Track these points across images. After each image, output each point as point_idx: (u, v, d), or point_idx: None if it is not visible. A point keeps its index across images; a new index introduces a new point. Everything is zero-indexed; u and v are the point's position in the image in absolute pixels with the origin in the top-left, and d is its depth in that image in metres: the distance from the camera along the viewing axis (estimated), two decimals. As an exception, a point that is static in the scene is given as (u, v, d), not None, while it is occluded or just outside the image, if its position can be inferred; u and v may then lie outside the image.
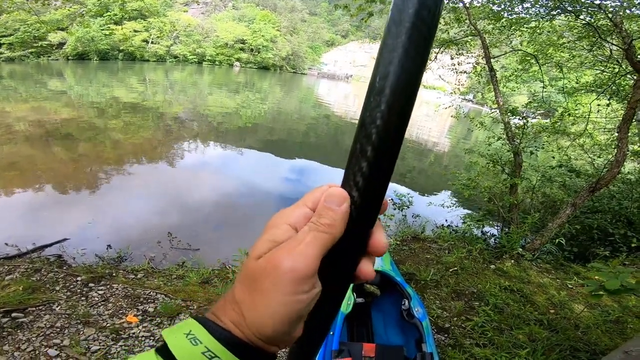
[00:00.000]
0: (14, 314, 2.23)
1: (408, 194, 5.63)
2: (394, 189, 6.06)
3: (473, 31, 5.19)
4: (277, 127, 12.13)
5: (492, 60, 4.79)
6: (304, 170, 7.26)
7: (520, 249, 3.72)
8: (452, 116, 6.51)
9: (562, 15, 4.20)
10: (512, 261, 3.57)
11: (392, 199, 5.37)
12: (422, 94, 47.36)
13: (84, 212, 4.15)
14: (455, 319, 2.62)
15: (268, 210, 4.91)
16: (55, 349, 2.01)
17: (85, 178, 5.34)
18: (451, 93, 7.04)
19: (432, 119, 21.78)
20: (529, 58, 5.36)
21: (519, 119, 4.05)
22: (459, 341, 2.37)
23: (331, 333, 1.65)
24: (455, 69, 6.23)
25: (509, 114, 4.05)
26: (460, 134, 16.67)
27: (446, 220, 4.76)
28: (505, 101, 5.15)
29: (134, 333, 2.21)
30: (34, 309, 2.33)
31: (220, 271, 3.14)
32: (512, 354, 2.20)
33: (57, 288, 2.59)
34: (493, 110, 5.35)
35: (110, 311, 2.39)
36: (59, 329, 2.17)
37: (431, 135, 15.35)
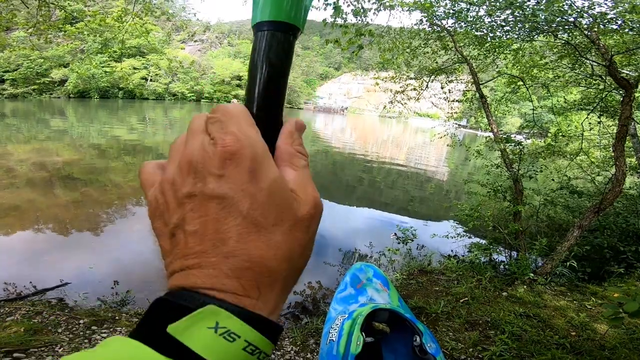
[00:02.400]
0: (15, 354, 2.17)
1: (411, 227, 5.58)
2: (396, 223, 6.02)
3: (460, 58, 5.41)
4: (275, 164, 12.25)
5: (481, 86, 4.95)
6: None
7: (532, 274, 3.64)
8: (447, 145, 6.61)
9: (541, 35, 4.28)
10: (525, 287, 3.48)
11: (395, 234, 5.31)
12: (416, 122, 48.41)
13: (86, 256, 4.10)
14: (470, 349, 2.52)
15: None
16: None
17: (86, 221, 5.31)
18: (445, 121, 7.21)
19: (429, 147, 22.10)
20: (515, 80, 5.52)
21: (514, 145, 4.11)
22: None
23: None
24: (447, 97, 6.44)
25: (504, 141, 4.12)
26: (458, 160, 16.86)
27: (452, 251, 4.70)
28: (498, 124, 5.26)
29: None
30: (36, 350, 2.26)
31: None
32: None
33: (60, 330, 2.52)
34: (487, 135, 5.45)
35: None
36: None
37: (429, 164, 15.50)
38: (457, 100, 6.40)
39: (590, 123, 5.89)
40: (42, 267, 3.77)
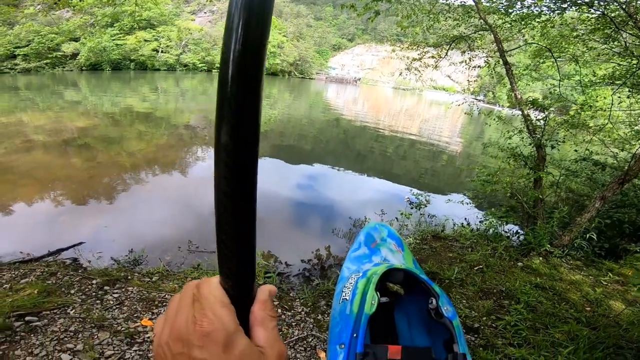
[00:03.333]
0: (27, 318, 2.19)
1: (425, 193, 5.49)
2: (407, 194, 5.93)
3: (484, 26, 5.07)
4: (287, 132, 12.10)
5: (505, 54, 4.66)
6: (314, 174, 7.19)
7: (549, 246, 3.55)
8: (465, 113, 6.35)
9: (573, 7, 4.05)
10: (541, 258, 3.40)
11: (408, 198, 5.23)
12: (431, 95, 46.96)
13: (100, 218, 4.17)
14: (484, 318, 2.49)
15: (279, 213, 4.86)
16: (69, 354, 1.96)
17: (100, 185, 5.38)
18: (464, 90, 6.87)
19: (443, 120, 21.49)
20: (542, 51, 5.18)
21: (539, 110, 3.89)
22: (490, 341, 2.23)
23: (354, 335, 1.54)
24: (468, 64, 6.09)
25: (529, 105, 3.89)
26: (473, 134, 16.37)
27: (465, 219, 4.60)
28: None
29: (148, 337, 2.15)
30: (48, 312, 2.29)
31: (236, 273, 3.06)
32: (551, 353, 2.05)
33: (72, 291, 2.55)
34: (504, 111, 5.19)
35: (125, 315, 2.34)
36: (72, 333, 2.13)
37: (443, 137, 15.10)
38: (479, 66, 6.05)
39: (619, 96, 5.55)
40: (57, 227, 3.86)
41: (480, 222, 4.44)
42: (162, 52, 42.98)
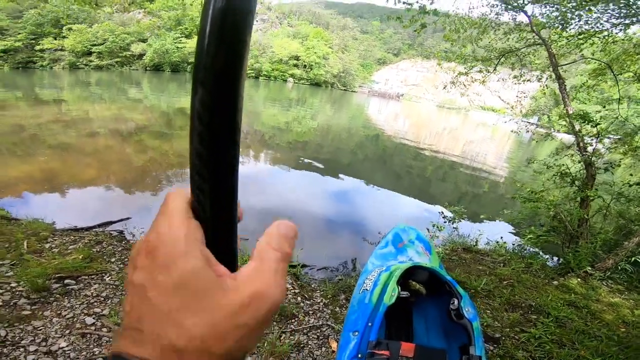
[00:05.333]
0: (66, 281, 2.37)
1: (461, 207, 5.32)
2: (441, 207, 5.76)
3: (537, 40, 4.86)
4: (325, 144, 12.24)
5: (561, 69, 4.42)
6: (348, 187, 7.19)
7: (589, 268, 3.29)
8: (512, 131, 6.07)
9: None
10: (579, 279, 3.15)
11: (442, 212, 5.08)
12: (478, 116, 45.17)
13: (146, 199, 4.58)
14: (507, 329, 2.36)
15: (311, 216, 4.97)
16: (93, 317, 2.08)
17: (149, 173, 5.84)
18: (512, 108, 6.56)
19: (490, 143, 20.56)
20: (602, 69, 4.84)
21: (591, 126, 3.63)
22: (510, 352, 2.11)
23: (369, 324, 1.54)
24: (518, 80, 5.84)
25: (579, 119, 3.64)
26: (521, 159, 15.45)
27: (501, 238, 4.36)
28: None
29: None
30: (86, 277, 2.47)
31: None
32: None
33: (113, 260, 2.75)
34: (561, 135, 4.90)
35: None
36: (103, 299, 2.27)
37: (487, 161, 14.38)
38: (528, 80, 5.78)
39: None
40: (110, 203, 4.25)
41: (516, 241, 4.19)
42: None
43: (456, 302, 1.69)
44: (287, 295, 2.57)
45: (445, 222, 4.70)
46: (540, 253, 4.05)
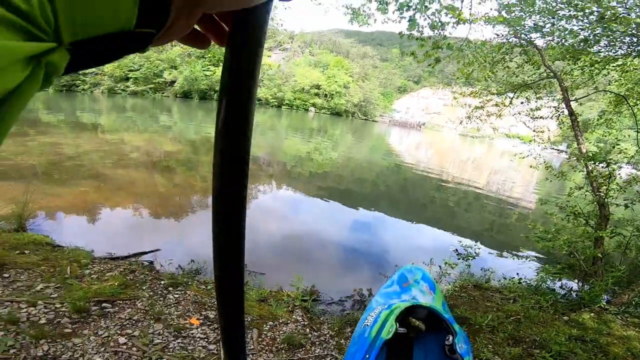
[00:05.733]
0: (103, 304, 2.63)
1: (475, 245, 5.30)
2: (459, 240, 5.75)
3: (549, 73, 4.98)
4: (346, 175, 12.40)
5: (574, 102, 4.48)
6: (368, 218, 7.29)
7: (604, 303, 3.24)
8: (530, 167, 6.02)
9: None
10: (592, 314, 3.11)
11: (456, 250, 5.10)
12: (503, 144, 44.27)
13: (175, 230, 4.93)
14: None
15: (327, 248, 5.11)
16: (125, 338, 2.30)
17: (178, 203, 6.26)
18: (530, 141, 6.55)
19: (516, 172, 20.10)
20: (617, 100, 4.85)
21: (602, 166, 3.67)
22: None
23: (367, 356, 1.67)
24: (532, 115, 5.92)
25: (589, 159, 3.70)
26: (549, 189, 14.94)
27: (517, 274, 4.33)
28: (608, 150, 4.62)
29: (192, 333, 2.47)
30: (121, 302, 2.72)
31: (277, 293, 3.35)
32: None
33: (144, 288, 3.01)
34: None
35: (179, 312, 2.70)
36: (134, 322, 2.49)
37: (514, 192, 14.03)
38: (542, 118, 5.84)
39: None
40: (142, 234, 4.61)
41: (532, 277, 4.15)
42: (243, 84, 47.99)
43: (451, 338, 1.81)
44: (297, 327, 2.73)
45: (458, 259, 4.73)
46: (556, 289, 3.99)
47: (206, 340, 2.42)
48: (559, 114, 5.40)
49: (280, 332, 2.63)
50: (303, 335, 2.60)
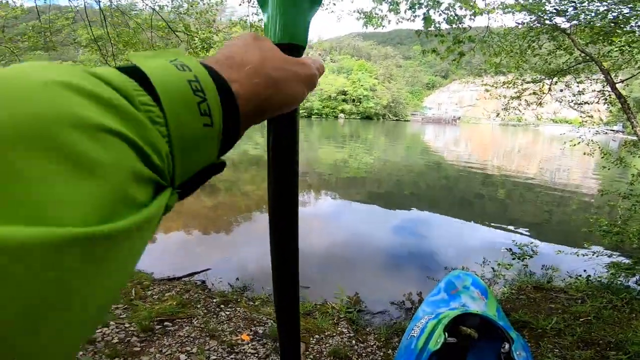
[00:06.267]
0: (165, 323, 2.83)
1: (531, 243, 4.97)
2: (512, 239, 5.40)
3: (585, 57, 4.63)
4: (384, 178, 12.22)
5: (622, 83, 4.12)
6: (410, 220, 7.11)
7: None
8: (585, 154, 5.61)
9: None
10: None
11: (510, 249, 4.81)
12: (550, 129, 41.25)
13: (224, 249, 5.19)
14: None
15: (371, 256, 5.05)
16: (185, 355, 2.45)
17: (223, 222, 6.58)
18: (580, 124, 6.10)
19: (569, 158, 18.62)
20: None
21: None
22: None
23: None
24: (576, 100, 5.51)
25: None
26: (611, 174, 13.66)
27: (585, 271, 3.98)
28: None
29: (243, 349, 2.57)
30: (179, 320, 2.91)
31: (322, 306, 3.38)
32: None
33: (199, 306, 3.19)
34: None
35: (231, 329, 2.82)
36: (192, 339, 2.65)
37: (570, 178, 12.98)
38: (586, 103, 5.42)
39: None
40: (194, 254, 4.91)
41: (600, 276, 3.79)
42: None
43: (507, 345, 1.73)
44: (342, 339, 2.75)
45: (513, 259, 4.46)
46: (631, 285, 3.62)
47: (256, 355, 2.51)
48: (606, 97, 4.98)
49: (327, 344, 2.65)
50: (349, 347, 2.61)
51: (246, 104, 0.25)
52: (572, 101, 5.49)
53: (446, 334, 1.77)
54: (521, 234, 6.14)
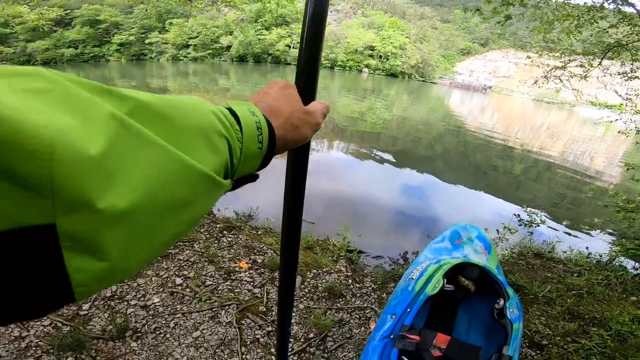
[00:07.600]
0: None
1: (541, 212, 4.85)
2: (519, 213, 5.30)
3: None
4: (401, 136, 11.90)
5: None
6: (421, 182, 6.97)
7: None
8: (619, 132, 5.29)
9: None
10: None
11: (518, 215, 4.72)
12: (586, 112, 38.82)
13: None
14: (558, 338, 2.23)
15: (377, 209, 5.03)
16: (181, 279, 2.45)
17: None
18: (621, 105, 5.64)
19: (599, 143, 17.69)
20: None
21: None
22: None
23: (408, 310, 1.64)
24: (628, 76, 4.99)
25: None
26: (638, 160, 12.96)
27: (587, 248, 3.91)
28: None
29: (240, 276, 2.57)
30: (181, 243, 2.91)
31: (323, 242, 3.41)
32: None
33: (202, 230, 3.21)
34: None
35: (231, 255, 2.84)
36: (191, 263, 2.65)
37: (595, 163, 12.40)
38: (637, 77, 4.93)
39: None
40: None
41: (602, 254, 3.73)
42: (293, 47, 47.56)
43: (502, 301, 1.70)
44: (339, 277, 2.77)
45: (520, 225, 4.38)
46: (629, 267, 3.57)
47: (252, 284, 2.51)
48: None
49: (323, 280, 2.68)
50: (345, 286, 2.64)
51: (278, 139, 0.41)
52: (623, 77, 4.99)
53: (445, 279, 1.74)
54: (527, 205, 6.01)
